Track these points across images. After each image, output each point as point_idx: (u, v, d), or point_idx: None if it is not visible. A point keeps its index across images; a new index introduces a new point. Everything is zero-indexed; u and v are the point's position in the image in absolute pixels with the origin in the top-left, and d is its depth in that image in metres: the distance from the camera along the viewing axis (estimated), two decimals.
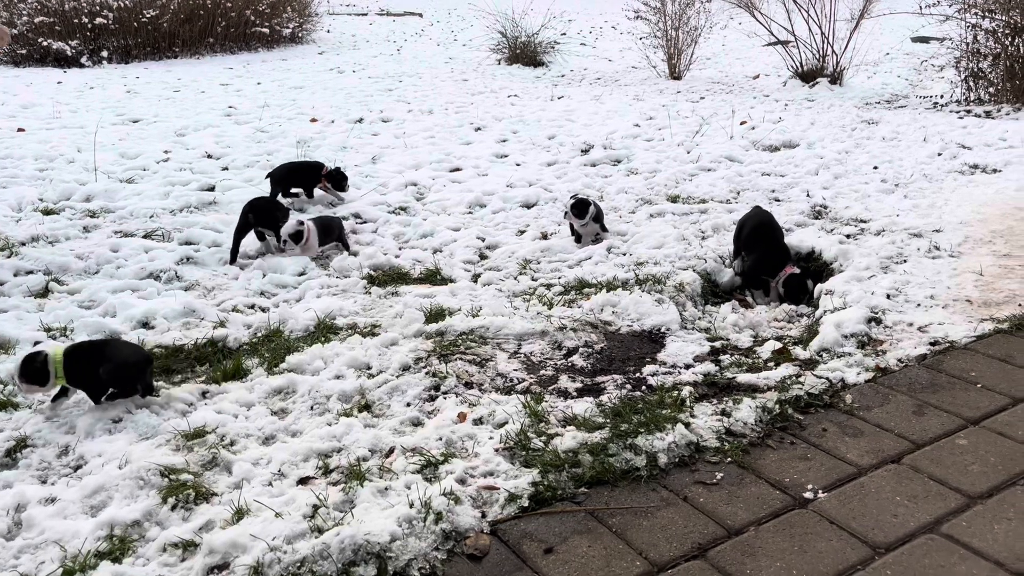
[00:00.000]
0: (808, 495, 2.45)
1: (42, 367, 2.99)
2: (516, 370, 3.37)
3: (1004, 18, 8.98)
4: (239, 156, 7.01)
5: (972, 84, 9.27)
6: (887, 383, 3.09)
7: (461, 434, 2.82)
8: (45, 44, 12.96)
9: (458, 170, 6.69)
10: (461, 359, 3.42)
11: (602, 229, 4.99)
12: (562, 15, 17.12)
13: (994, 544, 2.22)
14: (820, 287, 4.05)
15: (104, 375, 3.01)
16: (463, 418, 2.93)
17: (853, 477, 2.53)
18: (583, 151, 7.24)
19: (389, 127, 8.36)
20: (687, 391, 3.05)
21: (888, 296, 3.81)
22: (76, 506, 2.53)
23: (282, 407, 3.12)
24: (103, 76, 11.91)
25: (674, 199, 5.73)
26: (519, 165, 6.79)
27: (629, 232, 5.03)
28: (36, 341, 3.42)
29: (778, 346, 3.51)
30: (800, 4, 10.72)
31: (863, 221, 5.00)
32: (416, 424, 2.95)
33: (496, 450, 2.70)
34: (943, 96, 9.47)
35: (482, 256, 4.83)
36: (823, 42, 10.73)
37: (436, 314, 3.85)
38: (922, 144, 7.06)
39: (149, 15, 13.60)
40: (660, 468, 2.59)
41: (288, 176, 5.80)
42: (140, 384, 3.08)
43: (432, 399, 3.12)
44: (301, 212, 5.55)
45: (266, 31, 15.27)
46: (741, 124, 8.22)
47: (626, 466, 2.58)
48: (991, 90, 9.13)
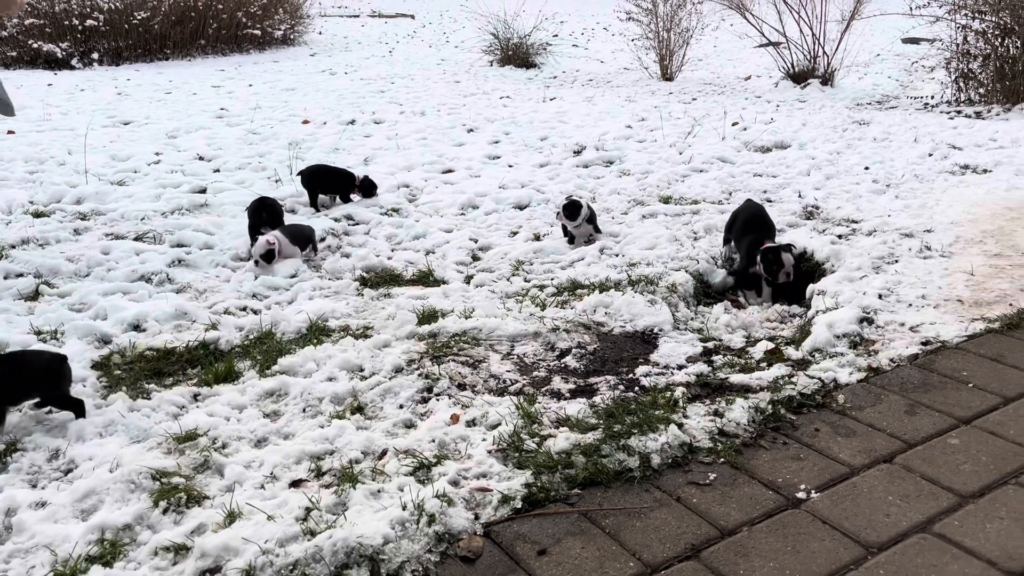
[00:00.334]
0: (801, 495, 2.45)
1: None
2: (509, 371, 3.37)
3: (994, 19, 9.03)
4: (231, 158, 6.98)
5: (962, 85, 9.31)
6: (879, 383, 3.09)
7: (454, 436, 2.82)
8: (35, 46, 12.90)
9: (450, 171, 6.68)
10: (454, 361, 3.41)
11: (595, 230, 4.99)
12: (554, 17, 17.13)
13: (986, 543, 2.23)
14: (812, 287, 4.05)
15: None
16: (456, 420, 2.92)
17: (846, 477, 2.53)
18: (575, 152, 7.24)
19: (381, 129, 8.34)
20: (680, 392, 3.05)
21: (880, 296, 3.82)
22: (67, 510, 2.51)
23: (274, 409, 3.11)
24: (94, 78, 11.86)
25: (666, 200, 5.74)
26: (511, 166, 6.79)
27: (622, 233, 5.03)
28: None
29: (771, 346, 3.52)
30: (791, 5, 10.76)
31: (855, 221, 5.02)
32: (409, 426, 2.94)
33: (489, 452, 2.69)
34: (933, 97, 9.51)
35: (475, 257, 4.83)
36: (814, 43, 10.77)
37: (429, 316, 3.85)
38: (913, 145, 7.09)
39: (140, 17, 13.56)
40: (653, 469, 2.58)
41: (322, 178, 5.82)
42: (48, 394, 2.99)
43: (425, 401, 3.11)
44: (291, 215, 5.53)
45: (258, 33, 15.24)
46: (733, 125, 8.24)
47: (619, 467, 2.58)
48: (981, 91, 9.17)
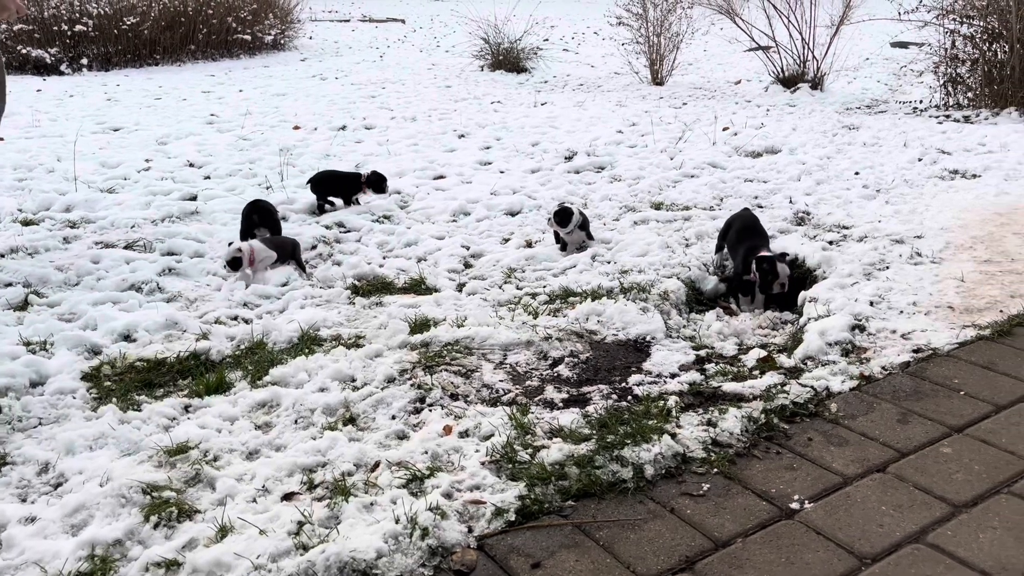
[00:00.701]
0: (795, 505, 2.45)
1: None
2: (502, 381, 3.36)
3: (981, 24, 9.08)
4: (221, 165, 6.96)
5: (951, 89, 9.37)
6: (871, 391, 3.10)
7: (447, 447, 2.80)
8: (24, 52, 12.83)
9: (442, 177, 6.68)
10: (446, 370, 3.40)
11: (588, 237, 4.99)
12: (544, 21, 17.16)
13: (979, 553, 2.23)
14: (804, 294, 4.06)
15: None
16: (449, 431, 2.91)
17: (839, 487, 2.53)
18: (567, 158, 7.24)
19: (372, 134, 8.33)
20: (673, 401, 3.05)
21: (871, 303, 3.83)
22: (56, 525, 2.49)
23: (266, 421, 3.09)
24: (83, 84, 11.80)
25: (658, 206, 5.75)
26: (503, 172, 6.79)
27: (613, 240, 5.04)
28: None
29: (763, 354, 3.52)
30: (780, 10, 10.80)
31: (845, 227, 5.03)
32: (401, 437, 2.93)
33: (482, 463, 2.68)
34: (922, 101, 9.57)
35: (467, 265, 4.82)
36: (804, 47, 10.82)
37: (421, 324, 3.83)
38: (902, 149, 7.12)
39: (129, 22, 13.50)
40: (647, 480, 2.58)
41: (330, 183, 5.85)
42: None
43: (417, 411, 3.10)
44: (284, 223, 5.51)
45: (248, 38, 15.20)
46: (724, 130, 8.26)
47: (613, 478, 2.57)
48: (969, 95, 9.23)
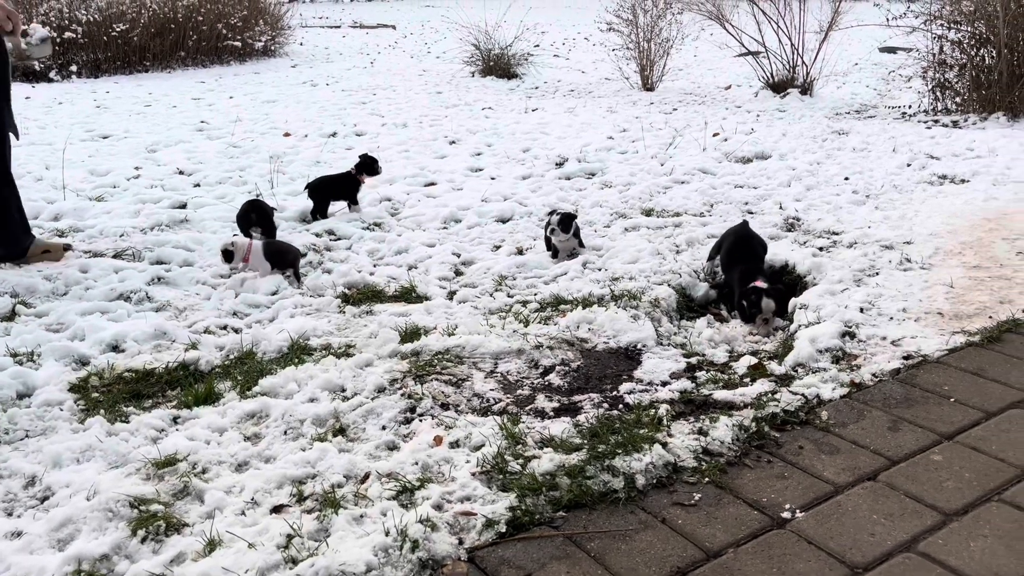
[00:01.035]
0: (786, 515, 2.45)
1: None
2: (492, 390, 3.35)
3: (969, 29, 9.13)
4: (211, 172, 6.93)
5: (939, 94, 9.41)
6: (862, 398, 3.10)
7: (437, 458, 2.79)
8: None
9: (433, 184, 6.66)
10: (437, 379, 3.39)
11: (579, 244, 4.99)
12: (535, 27, 17.17)
13: (970, 562, 2.23)
14: (794, 301, 4.06)
15: None
16: (439, 441, 2.90)
17: (830, 495, 2.53)
18: (557, 164, 7.24)
19: (363, 141, 8.31)
20: (664, 409, 3.04)
21: (861, 310, 3.84)
22: (43, 540, 2.46)
23: (255, 432, 3.07)
24: (72, 91, 11.75)
25: (648, 212, 5.75)
26: (494, 179, 6.78)
27: (604, 247, 5.03)
28: None
29: (754, 361, 3.52)
30: (769, 16, 10.84)
31: (835, 233, 5.04)
32: (392, 448, 2.91)
33: (473, 474, 2.67)
34: (911, 106, 9.61)
35: (457, 272, 4.81)
36: (793, 53, 10.85)
37: (411, 333, 3.82)
38: (891, 155, 7.15)
39: (119, 29, 13.45)
40: (638, 490, 2.57)
41: (330, 188, 5.83)
42: None
43: (408, 422, 3.08)
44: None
45: (238, 44, 15.16)
46: (714, 136, 8.28)
47: (604, 488, 2.56)
48: (958, 100, 9.27)
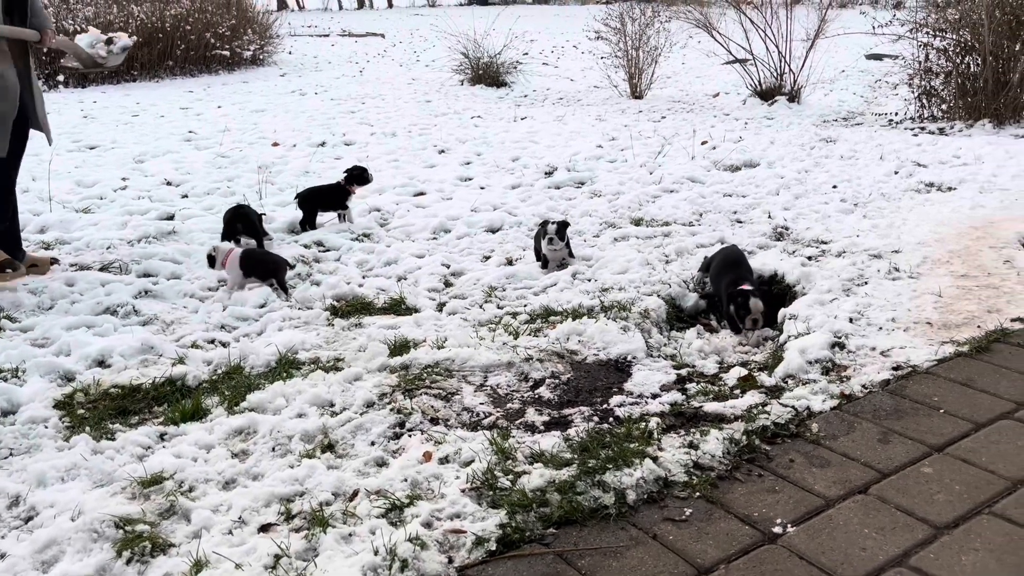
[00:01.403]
0: (777, 530, 2.43)
1: None
2: (482, 404, 3.33)
3: (954, 37, 9.20)
4: (199, 183, 6.90)
5: (925, 101, 9.47)
6: (852, 410, 3.10)
7: (427, 474, 2.77)
8: None
9: (422, 194, 6.65)
10: (426, 393, 3.37)
11: (569, 254, 4.98)
12: (524, 35, 17.20)
13: None
14: (784, 311, 4.06)
15: None
16: (428, 457, 2.88)
17: (821, 509, 2.52)
18: (547, 173, 7.24)
19: (352, 150, 8.30)
20: (654, 422, 3.03)
21: (850, 320, 3.84)
22: (27, 562, 2.42)
23: (243, 448, 3.04)
24: (59, 101, 11.69)
25: (638, 222, 5.75)
26: (483, 188, 6.77)
27: (594, 257, 5.03)
28: None
29: (744, 373, 3.51)
30: (757, 24, 10.89)
31: (824, 242, 5.05)
32: (381, 464, 2.89)
33: (463, 491, 2.65)
34: (897, 113, 9.66)
35: (447, 283, 4.79)
36: (780, 60, 10.91)
37: (400, 346, 3.80)
38: (879, 162, 7.18)
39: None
40: (629, 505, 2.56)
41: (319, 198, 5.81)
42: None
43: (397, 437, 3.06)
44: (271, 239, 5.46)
45: (227, 53, 15.14)
46: (702, 144, 8.30)
47: (595, 504, 2.55)
48: (944, 107, 9.33)
